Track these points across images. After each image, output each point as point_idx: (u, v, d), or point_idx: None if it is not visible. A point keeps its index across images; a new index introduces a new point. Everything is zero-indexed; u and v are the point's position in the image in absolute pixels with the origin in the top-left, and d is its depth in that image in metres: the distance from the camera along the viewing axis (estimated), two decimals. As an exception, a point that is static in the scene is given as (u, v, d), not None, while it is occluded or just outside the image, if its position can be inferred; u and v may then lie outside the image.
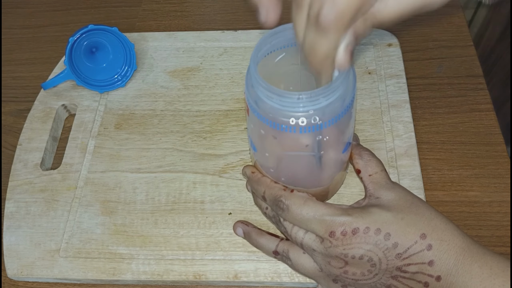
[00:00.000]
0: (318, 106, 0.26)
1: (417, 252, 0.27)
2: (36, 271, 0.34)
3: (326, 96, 0.26)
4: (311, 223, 0.28)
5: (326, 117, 0.26)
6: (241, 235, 0.34)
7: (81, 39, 0.42)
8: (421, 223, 0.27)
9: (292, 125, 0.26)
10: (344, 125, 0.29)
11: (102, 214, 0.37)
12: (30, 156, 0.40)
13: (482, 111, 0.41)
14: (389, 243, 0.27)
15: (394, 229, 0.27)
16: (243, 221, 0.35)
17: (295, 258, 0.31)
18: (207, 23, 0.50)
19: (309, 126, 0.26)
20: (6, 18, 0.53)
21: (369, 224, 0.27)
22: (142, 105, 0.43)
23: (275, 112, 0.26)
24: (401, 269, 0.27)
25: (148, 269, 0.34)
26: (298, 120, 0.26)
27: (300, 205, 0.29)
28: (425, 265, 0.27)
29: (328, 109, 0.26)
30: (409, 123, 0.39)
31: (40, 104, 0.43)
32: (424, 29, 0.47)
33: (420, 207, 0.29)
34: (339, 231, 0.27)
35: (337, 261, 0.28)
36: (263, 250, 0.33)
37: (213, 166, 0.38)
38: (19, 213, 0.37)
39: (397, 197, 0.29)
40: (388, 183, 0.31)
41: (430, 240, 0.27)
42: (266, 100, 0.26)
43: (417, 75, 0.44)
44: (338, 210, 0.28)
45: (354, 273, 0.28)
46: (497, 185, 0.37)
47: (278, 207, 0.30)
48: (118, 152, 0.40)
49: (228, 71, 0.44)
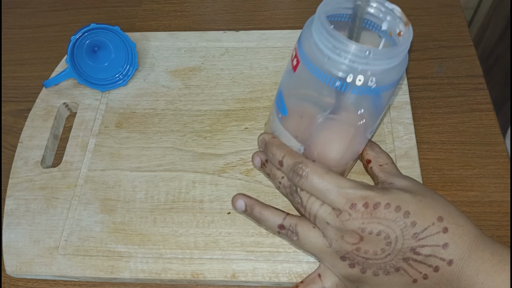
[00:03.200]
0: (379, 68, 0.25)
1: (434, 233, 0.27)
2: (35, 268, 0.34)
3: (389, 59, 0.25)
4: (331, 194, 0.28)
5: (382, 81, 0.26)
6: (242, 209, 0.32)
7: (83, 37, 0.42)
8: (438, 207, 0.28)
9: (348, 82, 0.25)
10: (386, 100, 0.28)
11: (102, 212, 0.37)
12: (31, 153, 0.40)
13: (482, 111, 0.41)
14: (408, 221, 0.27)
15: (413, 209, 0.27)
16: (244, 194, 0.32)
17: (303, 232, 0.30)
18: (207, 23, 0.50)
19: (364, 87, 0.26)
20: (6, 18, 0.53)
21: (390, 200, 0.27)
22: (143, 104, 0.43)
23: (334, 66, 0.25)
24: (415, 250, 0.27)
25: (146, 268, 0.34)
26: (356, 78, 0.25)
27: (322, 174, 0.28)
28: (439, 248, 0.27)
29: (386, 74, 0.26)
30: (409, 125, 0.39)
31: (42, 102, 0.43)
32: (424, 29, 0.47)
33: (434, 194, 0.29)
34: (360, 204, 0.27)
35: (352, 236, 0.27)
36: (267, 224, 0.31)
37: (213, 165, 0.38)
38: (19, 210, 0.37)
39: (411, 184, 0.30)
40: (399, 173, 0.32)
41: (446, 223, 0.27)
42: (326, 51, 0.25)
43: (417, 75, 0.44)
44: (359, 184, 0.28)
45: (367, 251, 0.27)
46: (497, 185, 0.37)
47: (296, 174, 0.29)
48: (118, 150, 0.40)
49: (229, 71, 0.44)
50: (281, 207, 0.34)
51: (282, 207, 0.34)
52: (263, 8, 0.51)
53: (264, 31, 0.46)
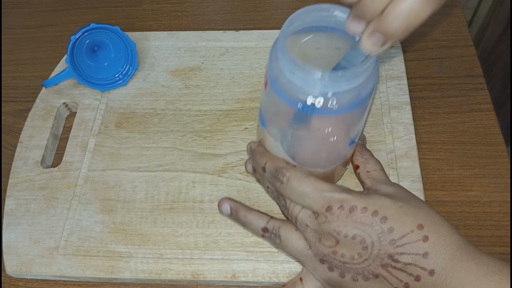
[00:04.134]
0: (338, 90, 0.25)
1: (413, 241, 0.26)
2: (35, 268, 0.34)
3: (348, 80, 0.25)
4: (309, 197, 0.28)
5: (343, 102, 0.26)
6: (227, 212, 0.33)
7: (83, 37, 0.42)
8: (420, 215, 0.27)
9: (308, 104, 0.26)
10: (358, 116, 0.28)
11: (102, 212, 0.37)
12: (30, 153, 0.40)
13: (482, 111, 0.41)
14: (385, 226, 0.26)
15: (392, 214, 0.27)
16: (230, 198, 0.33)
17: (285, 235, 0.30)
18: (207, 23, 0.50)
19: (324, 109, 0.26)
20: (6, 18, 0.53)
21: (367, 204, 0.27)
22: (143, 104, 0.43)
23: (294, 89, 0.26)
24: (393, 257, 0.26)
25: (147, 268, 0.34)
26: (315, 100, 0.26)
27: (301, 178, 0.28)
28: (419, 257, 0.26)
29: (347, 95, 0.26)
30: (409, 125, 0.39)
31: (42, 102, 0.43)
32: (424, 29, 0.47)
33: (419, 202, 0.29)
34: (336, 206, 0.27)
35: (329, 238, 0.27)
36: (252, 227, 0.32)
37: (213, 165, 0.38)
38: (18, 211, 0.37)
39: (396, 191, 0.29)
40: (387, 180, 0.31)
41: (427, 232, 0.26)
42: (287, 75, 0.26)
43: (417, 75, 0.44)
44: (338, 188, 0.28)
45: (343, 255, 0.27)
46: (497, 185, 0.37)
47: (278, 179, 0.29)
48: (118, 150, 0.40)
49: (229, 71, 0.44)
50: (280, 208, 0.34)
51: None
52: (263, 8, 0.51)
53: (264, 31, 0.46)
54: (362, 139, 0.36)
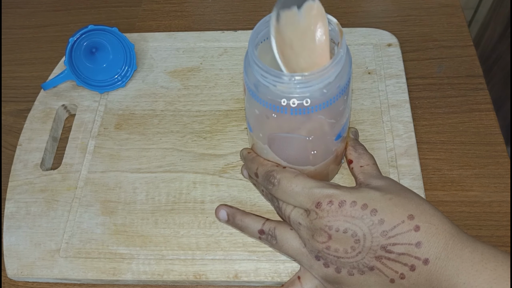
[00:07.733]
0: (310, 89, 0.27)
1: (404, 232, 0.26)
2: (36, 271, 0.34)
3: (318, 79, 0.26)
4: (299, 196, 0.29)
5: (317, 101, 0.27)
6: (224, 218, 0.33)
7: (81, 39, 0.42)
8: (410, 205, 0.27)
9: (283, 106, 0.27)
10: (336, 112, 0.29)
11: (102, 214, 0.37)
12: (30, 156, 0.40)
13: (482, 111, 0.41)
14: (375, 218, 0.27)
15: (381, 207, 0.27)
16: (226, 204, 0.34)
17: (281, 235, 0.31)
18: (207, 23, 0.50)
19: (300, 109, 0.27)
20: (6, 18, 0.53)
21: (356, 198, 0.27)
22: (142, 105, 0.43)
23: (269, 93, 0.27)
24: (386, 248, 0.27)
25: (148, 269, 0.34)
26: (289, 102, 0.27)
27: (290, 178, 0.29)
28: (412, 247, 0.26)
29: (319, 92, 0.27)
30: (409, 123, 0.39)
31: (40, 104, 0.43)
32: (424, 29, 0.47)
33: (409, 193, 0.29)
34: (325, 202, 0.28)
35: (321, 234, 0.28)
36: (248, 230, 0.32)
37: (213, 166, 0.38)
38: (19, 213, 0.37)
39: (386, 184, 0.30)
40: (378, 174, 0.32)
41: (418, 221, 0.26)
42: (261, 80, 0.27)
43: (417, 75, 0.44)
44: (326, 184, 0.29)
45: (337, 249, 0.28)
46: (497, 185, 0.37)
47: (269, 182, 0.30)
48: (118, 152, 0.40)
49: (228, 71, 0.44)
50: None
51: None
52: (263, 8, 0.51)
53: (264, 31, 0.46)
54: (355, 134, 0.36)
